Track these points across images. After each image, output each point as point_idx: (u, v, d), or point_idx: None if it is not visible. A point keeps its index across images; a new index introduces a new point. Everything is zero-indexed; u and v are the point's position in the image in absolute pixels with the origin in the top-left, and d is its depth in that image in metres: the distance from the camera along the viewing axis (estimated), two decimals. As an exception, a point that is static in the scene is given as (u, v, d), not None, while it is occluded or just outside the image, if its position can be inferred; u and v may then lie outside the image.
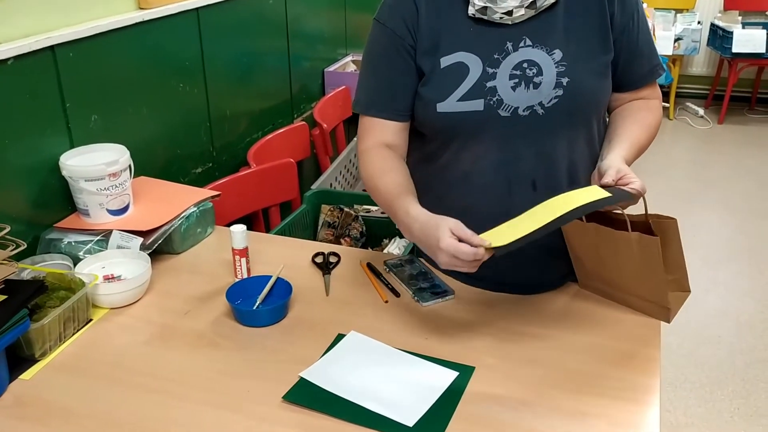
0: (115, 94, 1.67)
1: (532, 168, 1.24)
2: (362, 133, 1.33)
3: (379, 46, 1.30)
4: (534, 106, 1.21)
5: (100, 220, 1.50)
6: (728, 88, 5.08)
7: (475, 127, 1.23)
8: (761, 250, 3.40)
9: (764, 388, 2.44)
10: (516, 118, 1.21)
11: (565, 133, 1.24)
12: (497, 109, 1.21)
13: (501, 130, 1.22)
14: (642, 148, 1.27)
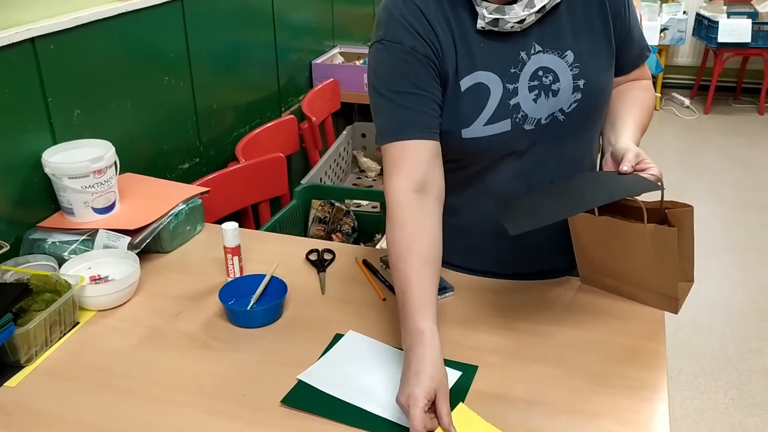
0: (99, 87, 1.62)
1: (553, 172, 1.23)
2: (392, 165, 1.14)
3: (398, 66, 1.13)
4: (555, 113, 1.18)
5: (86, 219, 1.45)
6: (714, 77, 5.09)
7: (504, 147, 1.19)
8: (751, 240, 3.41)
9: (758, 378, 2.44)
10: (539, 128, 1.18)
11: (584, 133, 1.23)
12: (523, 125, 1.17)
13: (525, 144, 1.19)
14: (644, 129, 1.25)
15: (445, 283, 1.33)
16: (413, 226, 1.10)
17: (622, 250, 1.20)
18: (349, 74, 2.89)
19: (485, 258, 1.34)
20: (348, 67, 2.93)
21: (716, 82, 5.14)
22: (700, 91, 5.57)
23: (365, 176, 2.84)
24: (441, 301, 1.29)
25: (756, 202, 3.82)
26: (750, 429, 2.21)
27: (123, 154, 1.58)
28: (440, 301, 1.29)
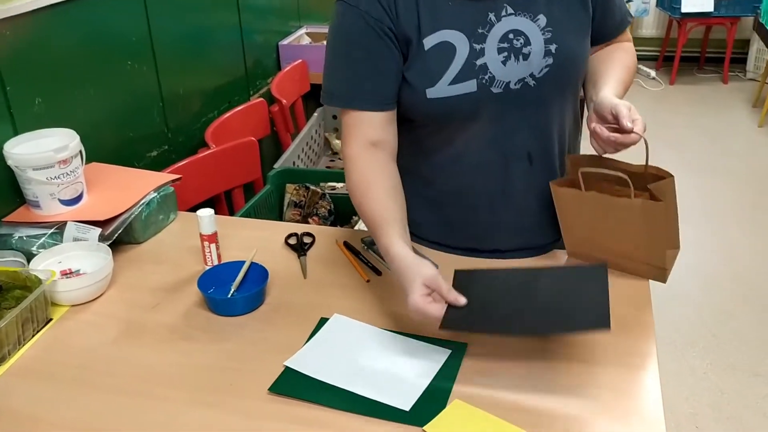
0: (59, 74, 1.55)
1: (526, 141, 1.20)
2: (346, 133, 1.20)
3: (352, 31, 1.15)
4: (525, 78, 1.16)
5: (53, 212, 1.39)
6: (678, 48, 5.14)
7: (469, 109, 1.16)
8: (721, 208, 3.46)
9: (734, 343, 2.48)
10: (508, 92, 1.15)
11: (557, 101, 1.21)
12: (490, 87, 1.15)
13: (493, 108, 1.16)
14: (627, 87, 1.23)
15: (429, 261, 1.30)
16: (368, 171, 1.17)
17: (609, 224, 1.19)
18: (317, 55, 2.83)
19: (463, 233, 1.32)
20: (316, 47, 2.88)
21: (681, 52, 5.18)
22: (665, 62, 5.61)
23: (338, 158, 2.80)
24: (426, 279, 1.27)
25: (724, 169, 3.87)
26: (728, 391, 2.24)
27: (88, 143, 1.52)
28: (425, 279, 1.27)
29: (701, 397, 2.22)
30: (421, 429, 0.94)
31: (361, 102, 1.17)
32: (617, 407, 0.97)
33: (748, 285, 2.80)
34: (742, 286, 2.79)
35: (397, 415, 0.96)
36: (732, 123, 4.54)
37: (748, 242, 3.12)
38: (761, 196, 3.55)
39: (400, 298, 1.21)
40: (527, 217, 1.29)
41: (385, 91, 1.17)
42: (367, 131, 1.18)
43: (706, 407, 2.18)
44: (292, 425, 0.96)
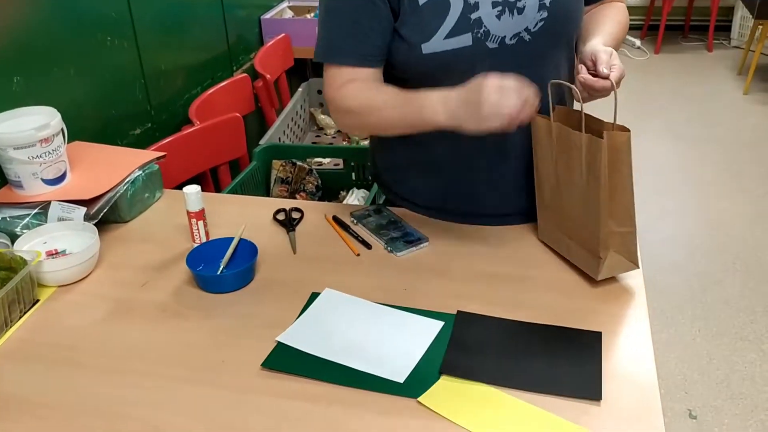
0: (38, 52, 1.51)
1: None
2: (329, 82, 1.21)
3: None
4: (520, 32, 1.15)
5: (36, 192, 1.37)
6: (663, 17, 5.12)
7: (464, 64, 1.14)
8: (707, 175, 3.47)
9: (722, 309, 2.50)
10: (503, 47, 1.15)
11: (551, 56, 1.20)
12: (485, 41, 1.14)
13: (488, 63, 1.14)
14: (617, 42, 1.22)
15: (420, 234, 1.30)
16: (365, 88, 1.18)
17: (565, 170, 1.14)
18: (300, 29, 2.79)
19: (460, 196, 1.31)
20: (299, 21, 2.84)
21: (665, 21, 5.16)
22: (649, 31, 5.59)
23: (324, 134, 2.77)
24: (416, 252, 1.26)
25: (710, 137, 3.88)
26: (716, 357, 2.27)
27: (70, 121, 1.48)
28: (415, 252, 1.26)
29: (690, 364, 2.25)
30: (415, 400, 0.94)
31: (346, 57, 1.17)
32: (609, 373, 0.97)
33: (734, 252, 2.83)
34: (728, 254, 2.82)
35: (391, 387, 0.96)
36: (717, 91, 4.54)
37: (734, 210, 3.14)
38: (746, 164, 3.56)
39: (390, 271, 1.21)
40: (523, 178, 1.28)
41: (372, 48, 1.17)
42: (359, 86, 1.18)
43: (695, 373, 2.21)
44: (286, 400, 0.95)
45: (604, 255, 1.11)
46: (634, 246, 1.13)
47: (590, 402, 0.93)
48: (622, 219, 1.11)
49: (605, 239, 1.10)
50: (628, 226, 1.11)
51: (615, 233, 1.11)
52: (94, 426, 0.93)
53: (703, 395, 2.12)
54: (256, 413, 0.93)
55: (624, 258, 1.13)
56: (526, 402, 0.93)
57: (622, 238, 1.12)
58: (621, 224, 1.11)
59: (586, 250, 1.15)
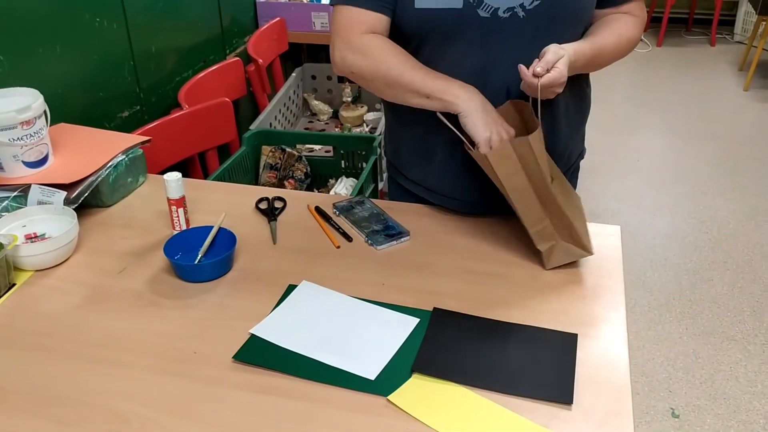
0: (23, 31, 1.49)
1: (507, 75, 1.17)
2: (343, 25, 1.20)
3: None
4: (515, 7, 1.14)
5: (16, 174, 1.35)
6: (666, 9, 5.07)
7: (453, 27, 1.15)
8: (703, 172, 3.45)
9: (710, 307, 2.50)
10: (495, 20, 1.14)
11: (545, 40, 1.16)
12: (477, 8, 1.13)
13: (479, 33, 1.15)
14: (605, 52, 1.20)
15: (401, 228, 1.29)
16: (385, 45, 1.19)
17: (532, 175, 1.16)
18: (296, 13, 2.76)
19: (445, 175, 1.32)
20: (295, 5, 2.80)
21: (669, 13, 5.12)
22: (652, 23, 5.55)
23: (317, 120, 2.75)
24: (396, 246, 1.25)
25: (708, 133, 3.86)
26: (703, 356, 2.27)
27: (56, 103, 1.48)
28: (396, 246, 1.25)
29: (675, 362, 2.25)
30: (385, 398, 0.93)
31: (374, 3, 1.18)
32: (583, 376, 0.97)
33: (726, 251, 2.82)
34: (719, 252, 2.81)
35: (361, 384, 0.95)
36: (717, 86, 4.51)
37: (728, 208, 3.13)
38: (743, 161, 3.55)
39: (369, 265, 1.20)
40: None
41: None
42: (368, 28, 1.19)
43: (680, 371, 2.21)
44: (256, 394, 0.95)
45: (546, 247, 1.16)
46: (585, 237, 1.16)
47: (561, 406, 0.92)
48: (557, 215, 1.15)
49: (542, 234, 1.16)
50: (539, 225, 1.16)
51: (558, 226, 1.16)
52: (62, 414, 0.92)
53: (687, 394, 2.12)
54: (225, 406, 0.93)
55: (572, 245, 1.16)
56: (497, 404, 0.93)
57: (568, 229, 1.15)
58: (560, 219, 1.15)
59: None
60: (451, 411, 0.91)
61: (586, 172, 3.36)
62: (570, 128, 1.33)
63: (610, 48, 1.21)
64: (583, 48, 1.15)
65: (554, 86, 1.09)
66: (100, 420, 0.91)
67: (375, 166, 1.91)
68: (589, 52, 1.16)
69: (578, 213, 1.19)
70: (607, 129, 3.90)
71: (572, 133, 1.35)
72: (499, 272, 1.18)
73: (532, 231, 1.16)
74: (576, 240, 1.16)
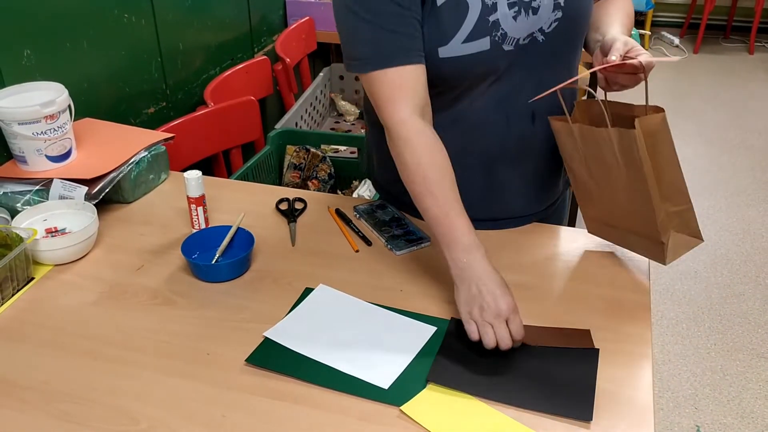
0: (51, 26, 1.50)
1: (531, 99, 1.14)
2: (390, 94, 1.07)
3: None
4: (534, 33, 1.10)
5: (39, 168, 1.36)
6: (704, 16, 4.97)
7: (483, 69, 1.10)
8: (737, 183, 3.36)
9: (740, 323, 2.43)
10: (518, 49, 1.10)
11: (564, 58, 1.15)
12: (502, 45, 1.09)
13: (503, 66, 1.11)
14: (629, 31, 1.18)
15: (422, 234, 1.26)
16: (435, 151, 1.08)
17: (599, 166, 1.11)
18: (325, 12, 2.75)
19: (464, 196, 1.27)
20: (324, 4, 2.79)
21: (707, 20, 5.02)
22: (689, 29, 5.44)
23: (343, 120, 2.74)
24: (416, 252, 1.23)
25: (744, 144, 3.77)
26: (731, 373, 2.20)
27: (82, 98, 1.48)
28: (415, 252, 1.23)
29: (702, 378, 2.19)
30: (398, 408, 0.91)
31: (404, 57, 1.06)
32: (604, 393, 0.93)
33: (759, 265, 2.74)
34: (752, 267, 2.73)
35: (374, 393, 0.93)
36: (755, 95, 4.40)
37: (762, 220, 3.05)
38: (779, 173, 3.45)
39: (388, 270, 1.18)
40: (524, 180, 1.24)
41: (420, 43, 1.07)
42: (413, 91, 1.07)
43: (707, 388, 2.15)
44: (267, 399, 0.93)
45: (666, 239, 1.08)
46: (694, 221, 1.10)
47: (580, 423, 0.89)
48: (676, 198, 1.08)
49: (664, 223, 1.08)
50: (684, 203, 1.09)
51: (673, 213, 1.09)
52: (71, 411, 0.92)
53: (713, 411, 2.06)
54: (235, 411, 0.91)
55: (686, 235, 1.10)
56: (513, 419, 0.90)
57: (680, 216, 1.09)
58: (677, 203, 1.08)
59: (647, 239, 1.11)
60: (465, 424, 0.89)
61: (616, 180, 3.31)
62: None
63: (629, 27, 1.19)
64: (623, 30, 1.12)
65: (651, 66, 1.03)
66: (109, 419, 0.90)
67: (399, 169, 1.88)
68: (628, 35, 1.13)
69: None
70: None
71: None
72: (520, 282, 1.15)
73: (658, 221, 1.05)
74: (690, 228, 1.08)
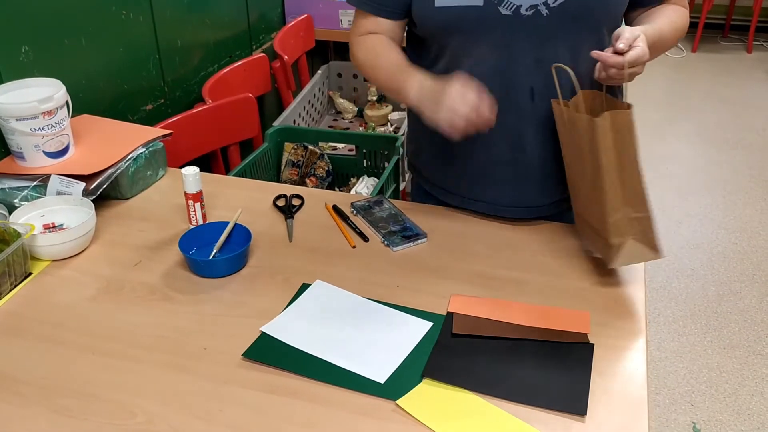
0: (48, 22, 1.50)
1: (530, 75, 1.15)
2: (356, 23, 1.29)
3: None
4: (538, 5, 1.11)
5: (37, 164, 1.36)
6: (702, 15, 4.98)
7: (474, 25, 1.13)
8: (734, 181, 3.37)
9: (737, 320, 2.44)
10: (518, 17, 1.11)
11: (570, 39, 1.14)
12: (498, 6, 1.11)
13: (500, 32, 1.13)
14: (663, 38, 1.16)
15: (418, 230, 1.27)
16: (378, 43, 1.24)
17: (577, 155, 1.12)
18: (324, 10, 2.75)
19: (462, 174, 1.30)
20: (323, 2, 2.79)
21: (705, 19, 5.02)
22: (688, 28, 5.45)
23: (342, 118, 2.74)
24: (413, 248, 1.24)
25: (742, 142, 3.77)
26: (727, 370, 2.21)
27: (80, 94, 1.48)
28: (412, 248, 1.24)
29: (699, 375, 2.19)
30: (394, 402, 0.91)
31: (372, 5, 1.23)
32: (599, 387, 0.94)
33: (756, 263, 2.75)
34: (749, 264, 2.74)
35: (370, 387, 0.94)
36: (753, 94, 4.41)
37: (760, 219, 3.05)
38: (777, 172, 3.46)
39: (384, 266, 1.19)
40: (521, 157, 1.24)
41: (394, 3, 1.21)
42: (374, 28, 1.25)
43: (703, 385, 2.16)
44: (264, 393, 0.93)
45: (617, 242, 1.08)
46: (651, 233, 1.08)
47: (575, 417, 0.90)
48: (637, 203, 1.07)
49: (619, 226, 1.07)
50: (644, 211, 1.07)
51: (633, 219, 1.07)
52: (69, 406, 0.92)
53: (710, 408, 2.07)
54: (232, 404, 0.92)
55: (644, 246, 1.08)
56: (508, 412, 0.90)
57: (640, 224, 1.08)
58: (637, 209, 1.07)
59: (601, 237, 1.11)
60: (460, 418, 0.89)
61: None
62: None
63: (666, 34, 1.17)
64: (647, 31, 1.10)
65: (638, 64, 1.04)
66: (106, 413, 0.91)
67: (397, 167, 1.89)
68: (652, 36, 1.11)
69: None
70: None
71: None
72: (517, 278, 1.15)
73: (610, 220, 1.07)
74: (649, 239, 1.08)
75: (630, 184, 1.06)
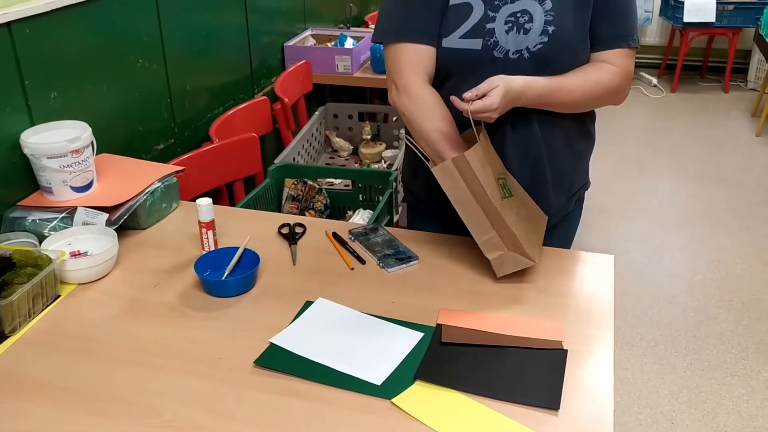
0: (74, 70, 1.66)
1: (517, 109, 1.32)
2: (401, 63, 1.36)
3: None
4: (522, 50, 1.32)
5: (64, 198, 1.50)
6: (680, 57, 5.20)
7: (472, 64, 1.33)
8: (712, 214, 3.53)
9: (715, 344, 2.56)
10: (506, 59, 1.32)
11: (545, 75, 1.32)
12: (492, 50, 1.32)
13: (492, 69, 1.31)
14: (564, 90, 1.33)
15: (411, 253, 1.40)
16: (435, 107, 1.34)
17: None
18: (320, 56, 2.93)
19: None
20: (319, 49, 2.98)
21: (683, 61, 5.25)
22: (667, 70, 5.68)
23: (338, 156, 2.90)
24: (406, 269, 1.37)
25: (718, 177, 3.95)
26: (706, 390, 2.33)
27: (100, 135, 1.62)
28: (405, 269, 1.37)
29: (679, 395, 2.31)
30: (389, 401, 1.04)
31: (419, 36, 1.34)
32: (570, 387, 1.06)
33: (733, 291, 2.89)
34: (726, 292, 2.88)
35: (369, 388, 1.06)
36: (730, 132, 4.61)
37: (737, 250, 3.20)
38: (753, 205, 3.62)
39: (380, 285, 1.32)
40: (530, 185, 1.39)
41: (435, 29, 1.34)
42: (423, 63, 1.35)
43: (683, 404, 2.27)
44: (274, 395, 1.06)
45: (493, 256, 1.30)
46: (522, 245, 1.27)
47: (549, 411, 1.02)
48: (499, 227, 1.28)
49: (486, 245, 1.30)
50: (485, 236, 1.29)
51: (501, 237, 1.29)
52: (104, 408, 1.04)
53: (689, 426, 2.18)
54: (247, 404, 1.04)
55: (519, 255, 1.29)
56: (491, 408, 1.03)
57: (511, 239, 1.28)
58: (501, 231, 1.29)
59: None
60: (449, 414, 1.01)
61: (598, 210, 3.47)
62: (572, 158, 1.46)
63: (572, 87, 1.33)
64: (538, 82, 1.30)
65: (484, 112, 1.22)
66: (136, 413, 1.03)
67: (390, 199, 2.03)
68: (542, 87, 1.30)
69: (531, 228, 1.33)
70: (620, 170, 4.00)
71: (575, 163, 1.48)
72: (499, 294, 1.28)
73: (479, 241, 1.30)
74: (521, 250, 1.28)
75: (490, 210, 1.27)
